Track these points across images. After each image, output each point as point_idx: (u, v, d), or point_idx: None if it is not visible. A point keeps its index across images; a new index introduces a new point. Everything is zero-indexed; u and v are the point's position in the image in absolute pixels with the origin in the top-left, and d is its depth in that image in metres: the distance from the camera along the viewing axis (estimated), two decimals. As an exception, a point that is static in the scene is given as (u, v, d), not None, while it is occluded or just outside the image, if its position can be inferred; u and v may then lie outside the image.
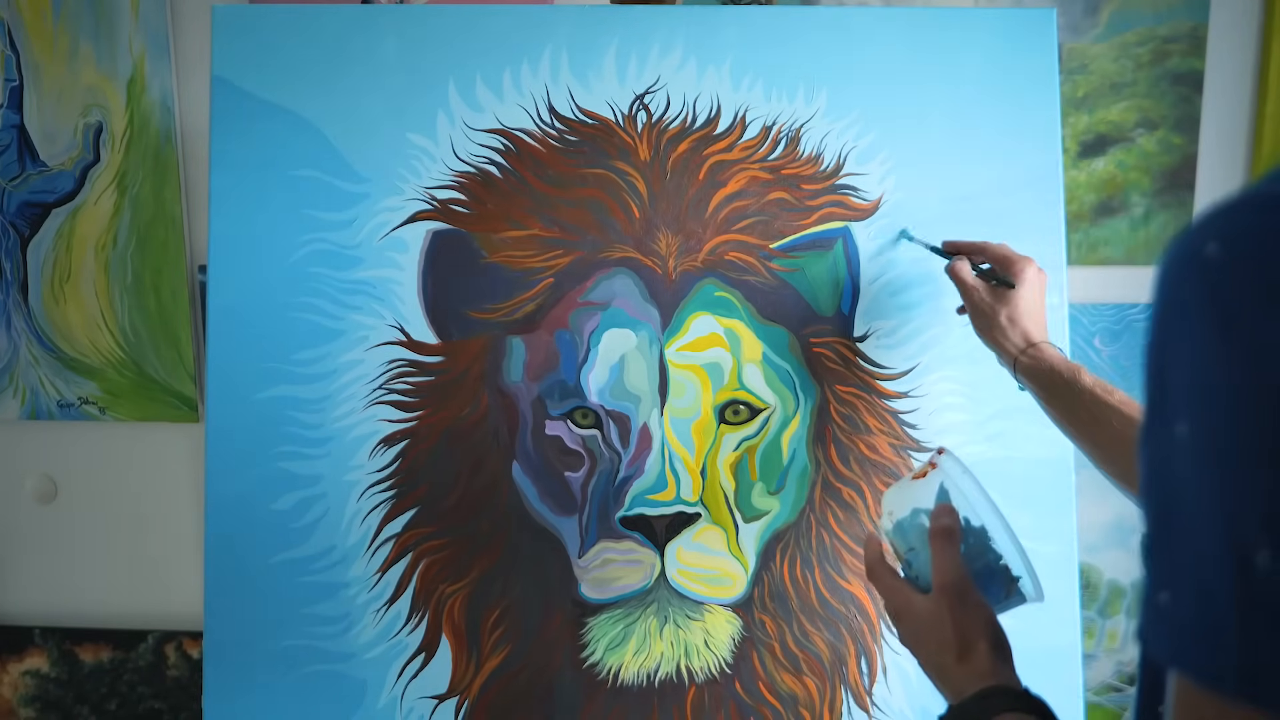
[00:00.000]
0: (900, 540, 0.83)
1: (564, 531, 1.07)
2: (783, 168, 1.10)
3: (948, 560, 0.76)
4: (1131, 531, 1.49)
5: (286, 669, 1.05)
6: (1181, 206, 1.43)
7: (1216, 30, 1.40)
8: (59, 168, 1.46)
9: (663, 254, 1.09)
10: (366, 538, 1.07)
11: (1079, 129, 1.42)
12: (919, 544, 0.80)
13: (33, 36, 1.44)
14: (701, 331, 1.08)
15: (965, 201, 1.11)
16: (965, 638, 0.73)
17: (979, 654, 0.72)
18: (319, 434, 1.07)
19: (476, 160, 1.09)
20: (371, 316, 1.08)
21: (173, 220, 1.45)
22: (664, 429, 1.07)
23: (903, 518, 0.83)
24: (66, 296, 1.48)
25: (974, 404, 1.10)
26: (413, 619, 1.06)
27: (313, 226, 1.08)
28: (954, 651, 0.73)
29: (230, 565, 1.06)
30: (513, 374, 1.08)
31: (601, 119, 1.10)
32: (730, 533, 1.07)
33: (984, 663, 0.72)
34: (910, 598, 0.79)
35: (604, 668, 1.07)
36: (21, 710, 1.56)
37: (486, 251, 1.09)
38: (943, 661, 0.74)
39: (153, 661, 1.53)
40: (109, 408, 1.50)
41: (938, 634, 0.75)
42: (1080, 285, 1.44)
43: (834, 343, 1.10)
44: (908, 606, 0.79)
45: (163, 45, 1.42)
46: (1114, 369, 1.46)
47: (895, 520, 0.83)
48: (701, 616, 1.07)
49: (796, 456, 1.09)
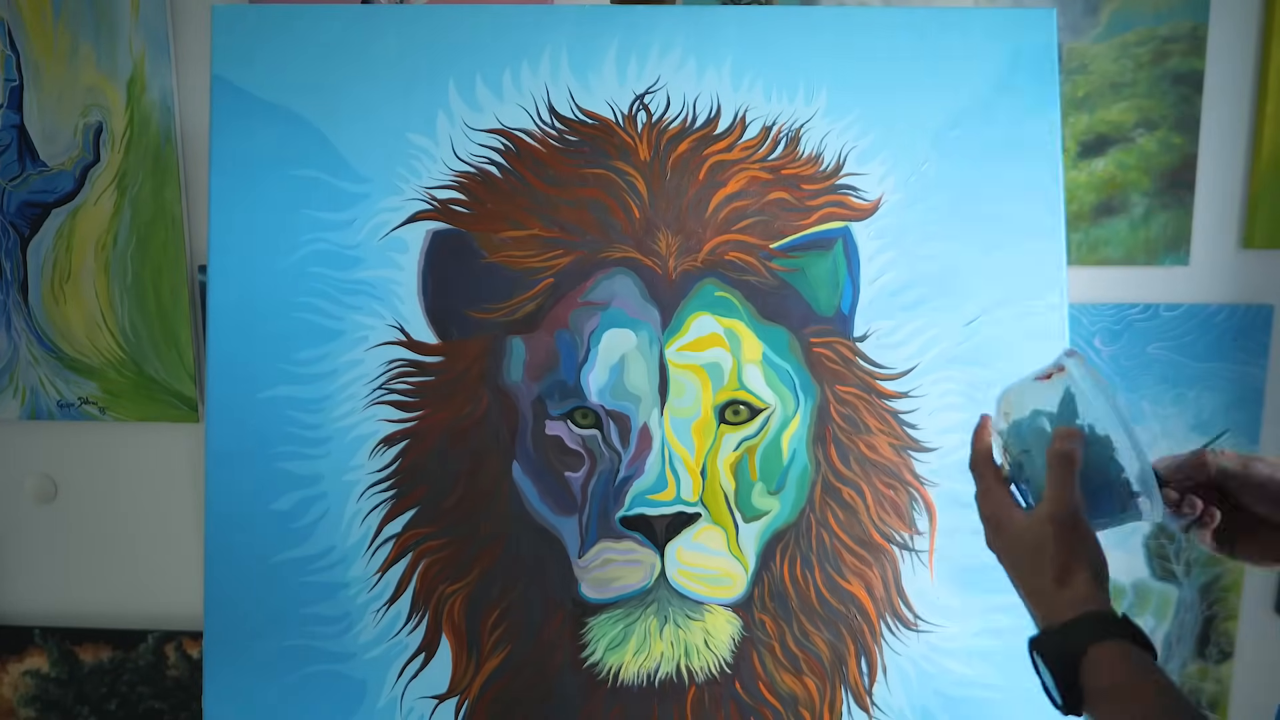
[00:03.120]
0: (1015, 441, 0.79)
1: (564, 531, 1.07)
2: (783, 168, 1.10)
3: (1064, 488, 0.73)
4: (1131, 531, 1.49)
5: (286, 669, 1.05)
6: (1181, 206, 1.43)
7: (1216, 30, 1.40)
8: (59, 168, 1.46)
9: (663, 254, 1.09)
10: (366, 538, 1.07)
11: (1079, 129, 1.42)
12: (1035, 448, 0.77)
13: (33, 36, 1.44)
14: (701, 331, 1.08)
15: (965, 201, 1.11)
16: (1067, 564, 0.71)
17: (1080, 579, 0.71)
18: (319, 434, 1.07)
19: (476, 160, 1.09)
20: (371, 316, 1.08)
21: (173, 220, 1.45)
22: (664, 429, 1.07)
23: (1021, 418, 0.79)
24: (66, 296, 1.48)
25: (974, 404, 1.10)
26: (413, 619, 1.06)
27: (313, 226, 1.08)
28: (1052, 575, 0.71)
29: (230, 565, 1.06)
30: (513, 374, 1.08)
31: (601, 119, 1.10)
32: (730, 533, 1.07)
33: (1084, 588, 0.70)
34: (1012, 511, 0.77)
35: (604, 668, 1.07)
36: (21, 710, 1.56)
37: (486, 251, 1.09)
38: (1038, 583, 0.72)
39: (153, 661, 1.53)
40: (109, 408, 1.50)
41: (1038, 556, 0.73)
42: (1080, 285, 1.44)
43: (834, 343, 1.10)
44: (1009, 518, 0.76)
45: (163, 45, 1.42)
46: (1114, 369, 1.46)
47: (1012, 420, 0.80)
48: (701, 616, 1.07)
49: (796, 456, 1.09)
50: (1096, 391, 0.76)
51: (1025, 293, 1.11)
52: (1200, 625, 1.50)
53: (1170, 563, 1.49)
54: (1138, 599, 1.49)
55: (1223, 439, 0.93)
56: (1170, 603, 1.50)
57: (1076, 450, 0.74)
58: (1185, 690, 1.52)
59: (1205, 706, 1.52)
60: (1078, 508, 0.73)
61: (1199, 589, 1.49)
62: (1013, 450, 0.80)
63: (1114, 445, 0.75)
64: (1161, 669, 0.67)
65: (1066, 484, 0.73)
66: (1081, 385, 0.77)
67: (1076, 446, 0.74)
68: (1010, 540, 0.76)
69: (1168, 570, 1.49)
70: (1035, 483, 0.77)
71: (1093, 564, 0.72)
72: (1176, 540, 1.48)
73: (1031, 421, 0.78)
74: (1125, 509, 0.76)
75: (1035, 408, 0.78)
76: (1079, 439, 0.74)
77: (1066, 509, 0.73)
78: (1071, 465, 0.73)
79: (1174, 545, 1.49)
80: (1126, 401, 0.74)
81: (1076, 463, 0.74)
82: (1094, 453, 0.75)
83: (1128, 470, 0.74)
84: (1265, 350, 1.46)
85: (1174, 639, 1.50)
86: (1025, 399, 0.80)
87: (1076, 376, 0.77)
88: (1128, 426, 0.74)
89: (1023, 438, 0.79)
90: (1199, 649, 1.51)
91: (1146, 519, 0.76)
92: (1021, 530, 0.75)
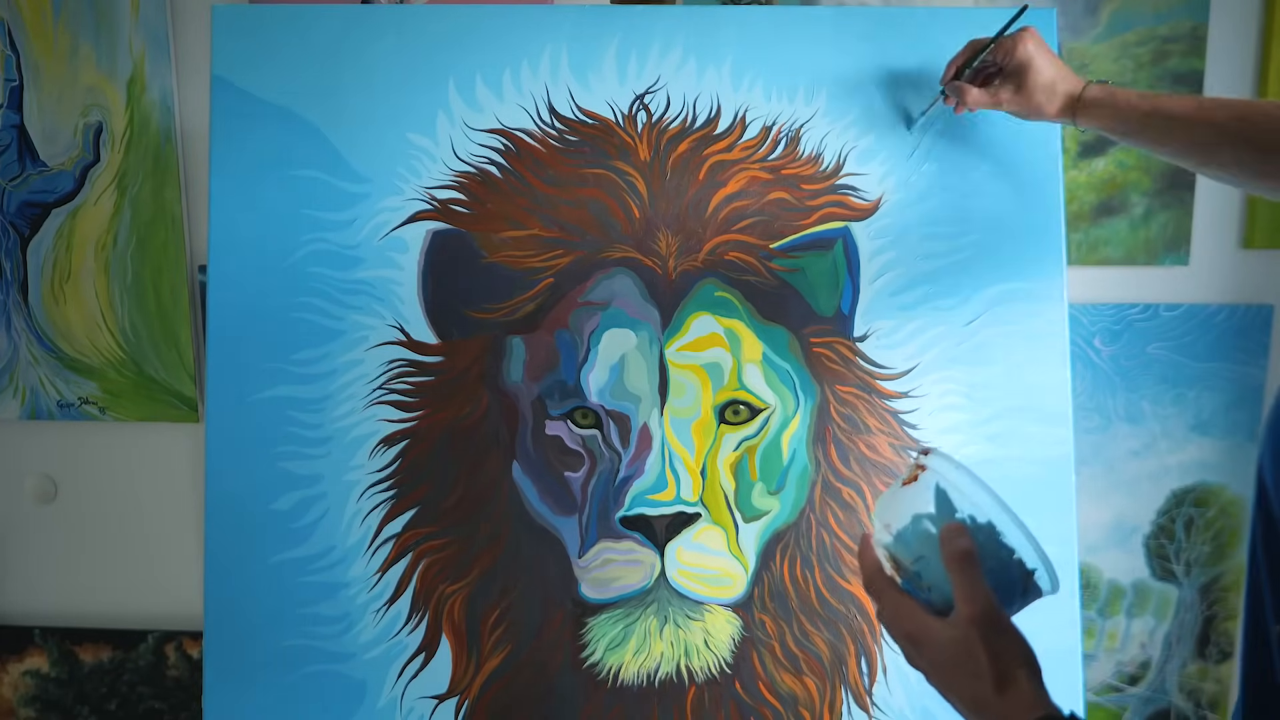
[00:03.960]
0: (904, 551, 0.77)
1: (564, 531, 1.07)
2: (783, 168, 1.10)
3: (974, 586, 0.70)
4: (1132, 531, 1.49)
5: (286, 669, 1.05)
6: (1181, 206, 1.43)
7: (1216, 30, 1.40)
8: (59, 168, 1.46)
9: (663, 254, 1.09)
10: (366, 538, 1.07)
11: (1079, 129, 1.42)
12: (928, 551, 0.75)
13: (33, 36, 1.44)
14: (701, 331, 1.08)
15: (965, 201, 1.11)
16: (1003, 667, 0.68)
17: (1020, 682, 0.68)
18: (319, 434, 1.07)
19: (476, 160, 1.09)
20: (371, 316, 1.08)
21: (173, 220, 1.45)
22: (664, 429, 1.07)
23: (903, 527, 0.77)
24: (66, 296, 1.48)
25: (974, 404, 1.10)
26: (413, 619, 1.06)
27: (313, 226, 1.08)
28: (991, 682, 0.68)
29: (230, 565, 1.06)
30: (513, 374, 1.08)
31: (601, 119, 1.10)
32: (730, 533, 1.07)
33: (1028, 691, 0.67)
34: (927, 621, 0.73)
35: (604, 668, 1.07)
36: (21, 710, 1.56)
37: (486, 251, 1.09)
38: (978, 693, 0.69)
39: (153, 661, 1.53)
40: (109, 408, 1.50)
41: (969, 664, 0.69)
42: (1080, 285, 1.44)
43: (834, 343, 1.10)
44: (924, 630, 0.73)
45: (163, 45, 1.42)
46: (1114, 369, 1.46)
47: (895, 531, 0.78)
48: (701, 616, 1.07)
49: (796, 456, 1.09)
50: (964, 479, 0.75)
51: (1025, 293, 1.11)
52: (1200, 625, 1.50)
53: (1170, 563, 1.49)
54: (1137, 599, 1.49)
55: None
56: (1170, 603, 1.50)
57: (971, 544, 0.72)
58: (1185, 691, 1.52)
59: (1205, 707, 1.52)
60: (994, 604, 0.70)
61: (1199, 589, 1.49)
62: (904, 561, 0.77)
63: (998, 529, 0.74)
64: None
65: (974, 582, 0.71)
66: (949, 478, 0.76)
67: (970, 543, 0.72)
68: (935, 654, 0.72)
69: (1168, 570, 1.49)
70: (939, 588, 0.74)
71: (1027, 661, 0.69)
72: (1176, 540, 1.48)
73: (915, 527, 0.77)
74: (1026, 590, 0.74)
75: (914, 512, 0.77)
76: (968, 533, 0.73)
77: (984, 608, 0.70)
78: (972, 561, 0.71)
79: (1174, 545, 1.49)
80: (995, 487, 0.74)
81: (976, 556, 0.72)
82: (982, 542, 0.74)
83: (1019, 550, 0.73)
84: (1265, 350, 1.46)
85: (1174, 639, 1.50)
86: (900, 507, 0.78)
87: (941, 470, 0.76)
88: (1004, 506, 0.74)
89: (911, 546, 0.77)
90: (1199, 649, 1.51)
91: (1048, 593, 0.75)
92: (945, 641, 0.71)
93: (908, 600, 0.76)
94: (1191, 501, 1.48)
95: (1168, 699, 1.51)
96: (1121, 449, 1.47)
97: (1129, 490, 1.47)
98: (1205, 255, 1.45)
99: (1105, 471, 1.46)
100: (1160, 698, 1.51)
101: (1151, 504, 1.48)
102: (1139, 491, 1.47)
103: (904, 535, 0.77)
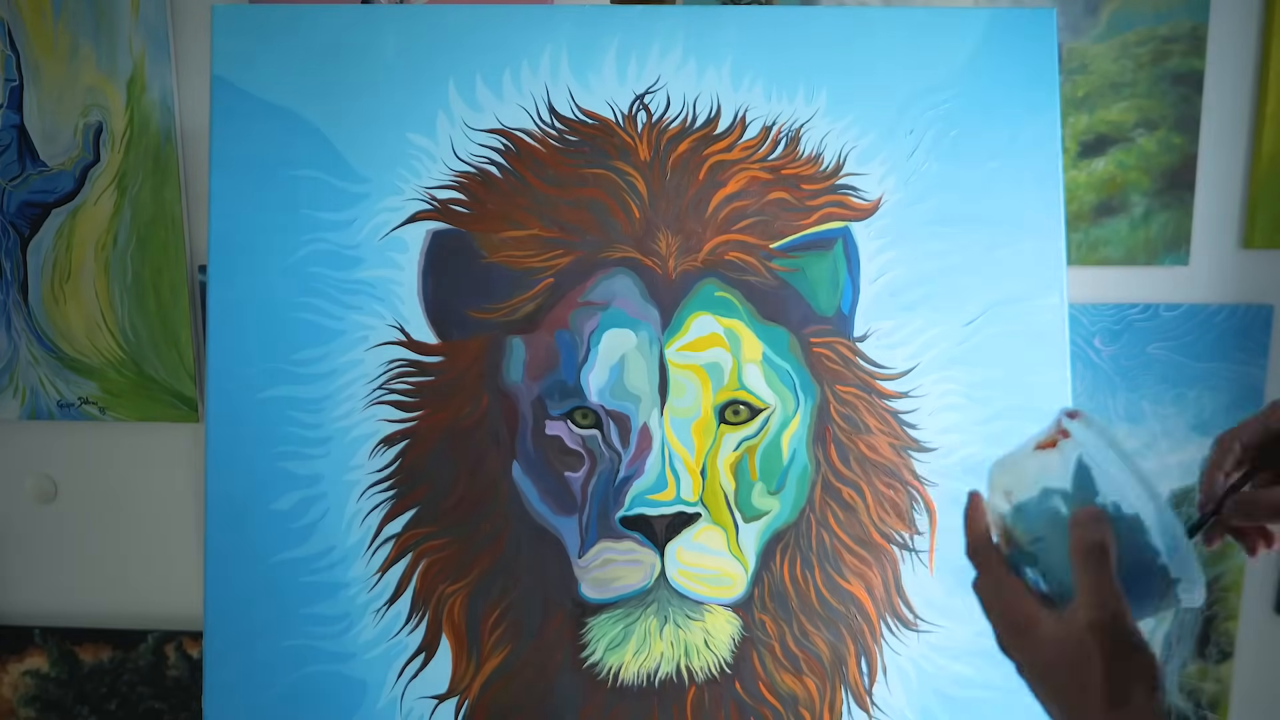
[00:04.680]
0: (1024, 526, 0.66)
1: (564, 531, 1.07)
2: (783, 168, 1.10)
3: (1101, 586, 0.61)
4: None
5: (286, 669, 1.05)
6: (1181, 206, 1.43)
7: (1216, 30, 1.40)
8: (59, 168, 1.46)
9: (663, 254, 1.09)
10: (366, 538, 1.07)
11: (1079, 129, 1.42)
12: (1051, 533, 0.65)
13: (33, 36, 1.44)
14: (701, 331, 1.08)
15: (965, 201, 1.11)
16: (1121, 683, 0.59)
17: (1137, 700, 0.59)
18: (319, 434, 1.07)
19: (476, 160, 1.09)
20: (371, 316, 1.08)
21: (173, 220, 1.45)
22: (664, 429, 1.07)
23: (1027, 499, 0.66)
24: (66, 296, 1.48)
25: (974, 404, 1.10)
26: (413, 619, 1.06)
27: (313, 226, 1.08)
28: (1104, 696, 0.59)
29: (230, 565, 1.06)
30: (513, 374, 1.08)
31: (601, 119, 1.10)
32: (730, 533, 1.07)
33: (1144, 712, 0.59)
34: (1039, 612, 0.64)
35: (604, 668, 1.07)
36: (21, 710, 1.56)
37: (486, 251, 1.09)
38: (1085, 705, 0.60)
39: (153, 661, 1.53)
40: (109, 408, 1.50)
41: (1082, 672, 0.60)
42: (1080, 285, 1.44)
43: (834, 343, 1.10)
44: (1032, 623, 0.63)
45: (163, 45, 1.42)
46: (1114, 369, 1.46)
47: (1016, 501, 0.67)
48: (701, 616, 1.07)
49: (796, 456, 1.09)
50: (1114, 459, 0.64)
51: (1025, 293, 1.11)
52: (1200, 625, 1.50)
53: (1170, 563, 1.49)
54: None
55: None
56: (1170, 603, 1.50)
57: (1108, 538, 0.62)
58: (1184, 691, 1.52)
59: (1205, 707, 1.52)
60: (1125, 611, 0.61)
61: (1199, 589, 1.49)
62: (1020, 537, 0.67)
63: (1145, 526, 0.63)
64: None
65: (1104, 582, 0.61)
66: (1095, 454, 0.65)
67: (1106, 535, 0.62)
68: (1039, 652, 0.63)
69: (1168, 570, 1.49)
70: (1056, 576, 0.65)
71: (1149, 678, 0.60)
72: (1176, 540, 1.48)
73: (1042, 502, 0.66)
74: (1164, 598, 0.64)
75: (1044, 485, 0.66)
76: (1107, 523, 0.63)
77: (1112, 615, 0.60)
78: (1106, 559, 0.61)
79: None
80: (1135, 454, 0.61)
81: (1111, 552, 0.62)
82: (1123, 536, 0.63)
83: (1164, 554, 0.63)
84: (1265, 350, 1.46)
85: (1174, 639, 1.50)
86: (1028, 474, 0.67)
87: (1087, 442, 0.65)
88: (1157, 499, 0.63)
89: (1032, 523, 0.66)
90: (1199, 649, 1.51)
91: (1188, 605, 0.64)
92: (1057, 638, 0.62)
93: (1016, 581, 0.66)
94: (1192, 501, 1.48)
95: (1168, 699, 1.51)
96: (1121, 449, 1.47)
97: (1129, 490, 1.47)
98: (1205, 255, 1.45)
99: (1105, 471, 1.46)
100: (1160, 698, 1.51)
101: (1151, 504, 1.48)
102: (1139, 491, 1.47)
103: (1026, 508, 0.67)
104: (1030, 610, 0.64)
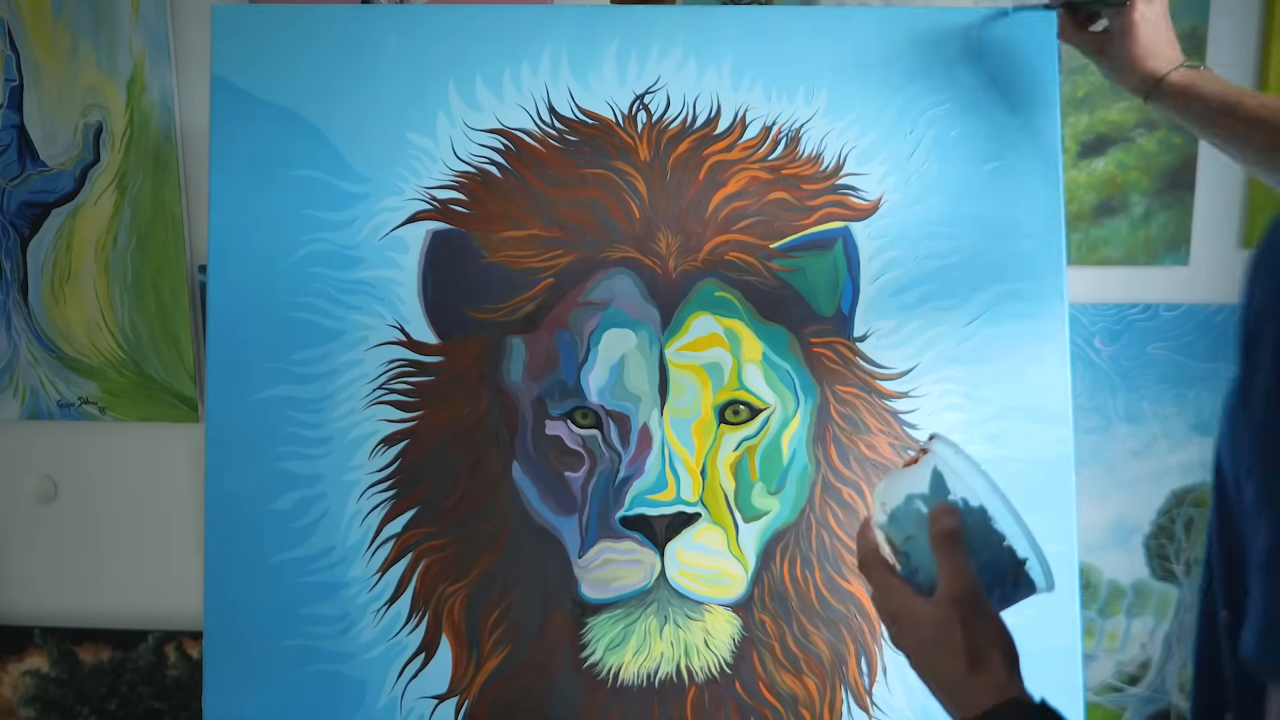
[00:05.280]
0: (896, 530, 0.78)
1: (564, 531, 1.07)
2: (783, 168, 1.10)
3: (956, 565, 0.71)
4: (1132, 532, 1.49)
5: (286, 669, 1.05)
6: (1181, 206, 1.43)
7: (1216, 30, 1.40)
8: (59, 168, 1.46)
9: (663, 254, 1.09)
10: (366, 538, 1.07)
11: (1079, 129, 1.42)
12: (917, 531, 0.76)
13: (33, 36, 1.44)
14: (701, 331, 1.08)
15: (966, 201, 1.11)
16: (978, 647, 0.69)
17: (993, 664, 0.68)
18: (319, 434, 1.07)
19: (476, 160, 1.09)
20: (371, 316, 1.08)
21: (173, 220, 1.45)
22: (664, 429, 1.07)
23: (896, 506, 0.78)
24: (66, 296, 1.48)
25: (974, 404, 1.10)
26: (413, 619, 1.06)
27: (313, 226, 1.08)
28: (964, 662, 0.69)
29: (230, 565, 1.06)
30: (513, 374, 1.08)
31: (601, 119, 1.10)
32: (730, 533, 1.07)
33: (999, 674, 0.68)
34: (911, 601, 0.73)
35: (604, 668, 1.07)
36: (21, 710, 1.56)
37: (486, 251, 1.09)
38: (951, 672, 0.70)
39: (153, 661, 1.53)
40: (109, 408, 1.50)
41: (946, 643, 0.70)
42: (1080, 285, 1.44)
43: (834, 343, 1.10)
44: (908, 609, 0.73)
45: (163, 45, 1.42)
46: (1114, 369, 1.46)
47: (889, 510, 0.78)
48: (701, 616, 1.07)
49: (796, 456, 1.09)
50: (963, 464, 0.75)
51: (1025, 293, 1.11)
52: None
53: (1170, 563, 1.49)
54: (1137, 599, 1.49)
55: None
56: (1170, 603, 1.50)
57: (958, 525, 0.72)
58: (1185, 691, 1.52)
59: (1205, 706, 1.52)
60: (975, 583, 0.71)
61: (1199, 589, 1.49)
62: (896, 540, 0.78)
63: (990, 514, 0.74)
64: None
65: (958, 563, 0.71)
66: (948, 462, 0.76)
67: (957, 522, 0.73)
68: (915, 633, 0.73)
69: (1168, 570, 1.49)
70: (925, 568, 0.75)
71: (1003, 645, 0.70)
72: (1176, 540, 1.48)
73: (907, 507, 0.77)
74: (1018, 581, 0.74)
75: (908, 492, 0.77)
76: (957, 514, 0.73)
77: (965, 588, 0.70)
78: (957, 541, 0.72)
79: (1174, 545, 1.49)
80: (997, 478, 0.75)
81: (961, 536, 0.72)
82: (972, 524, 0.74)
83: (1010, 539, 0.73)
84: (1265, 350, 1.46)
85: (1174, 639, 1.50)
86: (897, 487, 0.79)
87: (941, 454, 0.77)
88: (1000, 494, 0.74)
89: (902, 525, 0.77)
90: (1199, 649, 1.51)
91: (1040, 591, 0.75)
92: (924, 616, 0.72)
93: (897, 580, 0.76)
94: (1191, 501, 1.48)
95: (1168, 699, 1.51)
96: (1121, 449, 1.47)
97: (1129, 490, 1.47)
98: (1205, 255, 1.45)
99: (1105, 472, 1.46)
100: (1160, 698, 1.52)
101: (1151, 504, 1.48)
102: (1139, 491, 1.47)
103: (897, 515, 0.78)
104: (909, 602, 0.74)
